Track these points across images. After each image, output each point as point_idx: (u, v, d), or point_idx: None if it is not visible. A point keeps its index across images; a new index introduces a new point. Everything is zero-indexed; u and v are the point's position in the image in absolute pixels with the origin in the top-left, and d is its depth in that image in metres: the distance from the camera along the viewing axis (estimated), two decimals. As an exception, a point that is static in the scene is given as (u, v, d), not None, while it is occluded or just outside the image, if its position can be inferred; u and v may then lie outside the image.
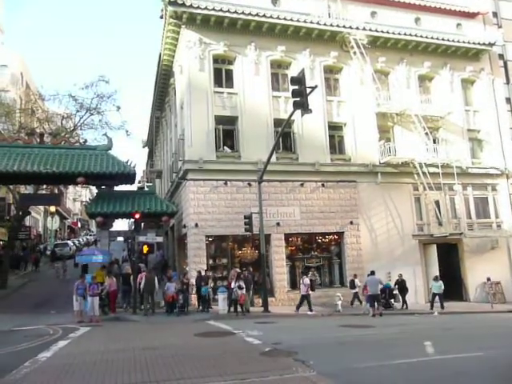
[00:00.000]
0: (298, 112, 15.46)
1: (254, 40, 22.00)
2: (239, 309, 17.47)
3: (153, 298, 18.11)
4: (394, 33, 23.90)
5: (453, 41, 25.20)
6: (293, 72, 21.19)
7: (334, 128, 23.33)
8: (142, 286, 17.78)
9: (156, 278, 18.44)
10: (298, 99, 13.93)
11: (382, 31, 23.73)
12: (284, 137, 21.20)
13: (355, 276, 20.08)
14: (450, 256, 23.55)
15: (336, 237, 22.30)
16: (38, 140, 21.82)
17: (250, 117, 21.27)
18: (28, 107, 32.49)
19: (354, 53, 23.06)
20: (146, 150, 44.38)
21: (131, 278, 18.61)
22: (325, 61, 23.29)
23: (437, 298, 19.94)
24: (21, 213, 27.36)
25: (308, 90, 14.04)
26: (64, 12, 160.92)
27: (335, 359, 8.99)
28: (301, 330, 13.73)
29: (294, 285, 20.92)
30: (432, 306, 19.34)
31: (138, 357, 9.20)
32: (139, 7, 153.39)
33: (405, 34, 24.14)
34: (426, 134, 23.59)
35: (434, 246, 23.03)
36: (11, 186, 27.56)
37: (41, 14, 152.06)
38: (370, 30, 23.43)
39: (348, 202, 22.19)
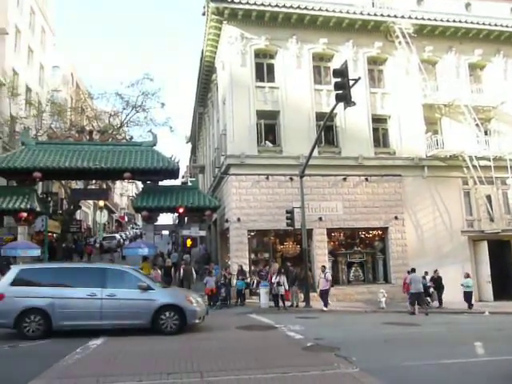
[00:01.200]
0: (341, 105, 15.19)
1: (295, 33, 21.79)
2: (281, 303, 17.50)
3: (190, 288, 18.56)
4: (442, 20, 22.90)
5: (506, 26, 23.82)
6: (335, 64, 20.80)
7: (378, 121, 22.79)
8: (180, 277, 18.33)
9: (194, 270, 19.21)
10: (341, 92, 13.66)
11: (429, 19, 22.81)
12: (326, 130, 20.95)
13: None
14: (502, 253, 22.45)
15: (380, 232, 21.82)
16: (88, 137, 22.69)
17: (292, 111, 21.14)
18: (78, 106, 33.88)
19: (399, 42, 22.34)
20: (189, 145, 45.12)
21: (172, 269, 19.16)
22: (368, 52, 22.74)
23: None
24: (72, 207, 28.68)
25: (351, 83, 13.74)
26: (105, 12, 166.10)
27: (379, 356, 8.81)
28: (343, 326, 13.58)
29: (336, 280, 20.67)
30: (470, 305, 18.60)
31: (181, 347, 9.42)
32: (182, 5, 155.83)
33: (454, 21, 23.07)
34: (477, 125, 22.56)
35: (485, 243, 22.03)
36: (63, 182, 28.89)
37: (84, 14, 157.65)
38: (416, 18, 22.59)
39: (393, 197, 21.64)
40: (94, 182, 30.13)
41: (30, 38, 31.52)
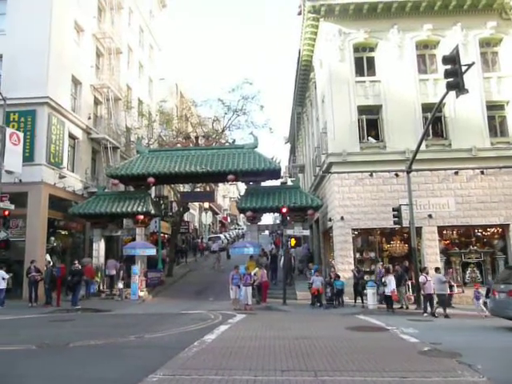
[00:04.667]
0: (450, 94, 14.17)
1: (396, 22, 20.83)
2: (390, 305, 16.82)
3: (291, 275, 20.39)
4: None
5: None
6: (441, 51, 19.49)
7: (494, 107, 20.80)
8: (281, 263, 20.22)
9: (292, 259, 21.12)
10: (452, 79, 12.71)
11: (554, -11, 20.26)
12: (434, 122, 19.62)
13: None
14: None
15: (500, 229, 19.88)
16: (194, 143, 24.01)
17: (395, 104, 20.22)
18: (183, 114, 36.02)
19: (517, 19, 20.19)
20: (288, 145, 45.47)
21: (277, 259, 21.26)
22: (480, 34, 20.87)
23: None
24: (181, 209, 30.51)
25: (463, 68, 12.71)
26: (197, 19, 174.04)
27: (507, 365, 8.01)
28: (462, 331, 12.59)
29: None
30: None
31: (291, 345, 9.48)
32: (275, 7, 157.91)
33: None
34: None
35: None
36: (172, 185, 30.91)
37: (180, 24, 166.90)
38: (537, -10, 20.22)
39: (514, 191, 19.60)
40: (199, 184, 31.73)
41: (141, 54, 34.31)
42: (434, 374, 7.27)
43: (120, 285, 20.41)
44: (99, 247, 22.05)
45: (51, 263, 20.00)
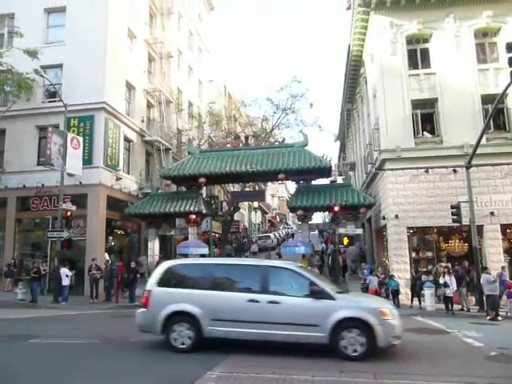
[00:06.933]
0: (514, 83, 13.31)
1: (452, 11, 19.89)
2: (449, 307, 16.10)
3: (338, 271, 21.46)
4: None
5: None
6: (503, 38, 18.40)
7: None
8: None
9: (341, 258, 21.76)
10: (517, 67, 11.97)
11: None
12: (495, 114, 18.51)
13: None
14: None
15: None
16: (244, 142, 24.14)
17: (452, 96, 19.31)
18: (231, 114, 36.34)
19: None
20: (337, 143, 44.76)
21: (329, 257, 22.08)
22: (546, 18, 19.54)
23: None
24: (232, 209, 30.81)
25: (529, 55, 11.94)
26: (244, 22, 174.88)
27: None
28: (531, 336, 11.83)
29: (515, 283, 18.24)
30: None
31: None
32: (323, 3, 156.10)
33: None
34: None
35: None
36: (223, 185, 31.28)
37: (223, 24, 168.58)
38: None
39: None
40: (249, 184, 31.87)
41: (190, 57, 34.98)
42: (504, 380, 6.90)
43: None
44: (154, 246, 22.66)
45: (109, 261, 20.83)
